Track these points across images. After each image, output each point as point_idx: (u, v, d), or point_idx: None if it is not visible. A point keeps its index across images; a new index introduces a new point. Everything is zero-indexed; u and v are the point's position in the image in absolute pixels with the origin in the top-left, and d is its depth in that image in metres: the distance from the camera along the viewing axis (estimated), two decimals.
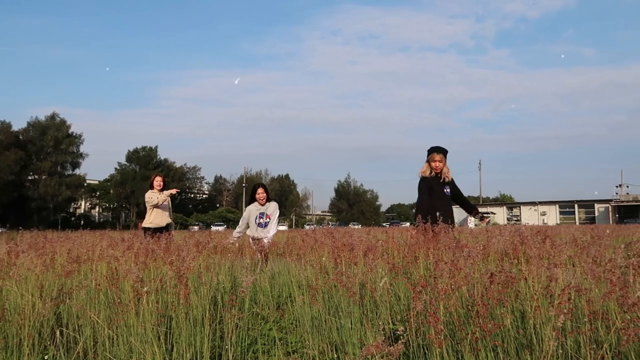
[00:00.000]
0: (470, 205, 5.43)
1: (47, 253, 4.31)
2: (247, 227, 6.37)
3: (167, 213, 7.35)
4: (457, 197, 5.29)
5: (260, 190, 6.31)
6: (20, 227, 8.74)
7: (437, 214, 4.28)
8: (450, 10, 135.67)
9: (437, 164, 5.04)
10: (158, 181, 7.45)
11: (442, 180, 5.07)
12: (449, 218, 4.74)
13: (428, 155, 5.14)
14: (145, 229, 7.04)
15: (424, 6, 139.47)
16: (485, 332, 1.97)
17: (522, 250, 3.26)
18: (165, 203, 7.35)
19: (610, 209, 59.80)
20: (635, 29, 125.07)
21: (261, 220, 6.22)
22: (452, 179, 5.19)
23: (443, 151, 5.12)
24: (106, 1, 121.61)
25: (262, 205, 6.28)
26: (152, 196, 7.19)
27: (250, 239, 6.19)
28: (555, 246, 3.16)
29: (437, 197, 4.99)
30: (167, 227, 7.28)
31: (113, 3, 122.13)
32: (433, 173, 5.07)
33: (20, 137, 57.83)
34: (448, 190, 5.11)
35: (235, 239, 6.12)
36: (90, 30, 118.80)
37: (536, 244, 3.22)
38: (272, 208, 6.32)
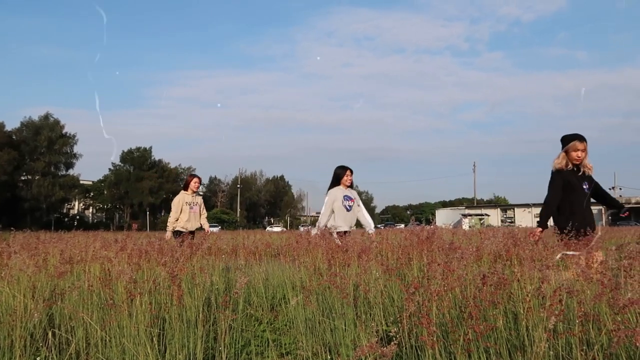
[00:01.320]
0: (614, 200, 4.70)
1: (39, 254, 4.29)
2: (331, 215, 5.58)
3: (199, 216, 6.98)
4: (598, 194, 4.57)
5: (349, 172, 5.69)
6: (12, 228, 8.63)
7: (577, 218, 3.88)
8: (445, 13, 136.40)
9: (580, 153, 4.30)
10: (196, 183, 6.96)
11: (580, 174, 4.34)
12: (588, 220, 4.20)
13: (567, 143, 4.34)
14: (177, 232, 6.64)
15: (419, 8, 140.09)
16: (477, 333, 1.98)
17: (514, 252, 3.28)
18: (197, 208, 6.92)
19: (603, 211, 60.17)
20: (628, 32, 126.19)
21: (347, 203, 5.55)
22: (589, 174, 4.44)
23: (585, 139, 4.36)
24: (102, 2, 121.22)
25: (346, 189, 5.69)
26: (177, 211, 6.75)
27: (334, 233, 5.28)
28: (548, 248, 3.18)
29: (576, 194, 4.30)
30: (200, 229, 7.00)
31: (108, 4, 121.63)
32: (570, 165, 4.34)
33: (14, 137, 57.44)
34: (587, 186, 4.39)
35: (319, 232, 5.25)
36: (85, 31, 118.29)
37: (529, 246, 3.24)
38: (355, 193, 5.81)
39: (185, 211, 6.78)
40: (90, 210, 74.83)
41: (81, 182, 64.32)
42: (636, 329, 1.66)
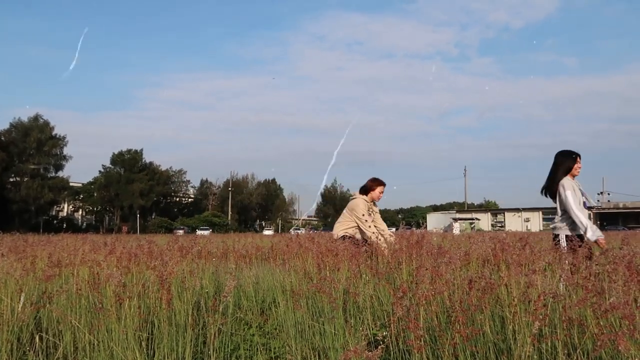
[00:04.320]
0: None
1: (27, 257, 4.25)
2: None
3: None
4: None
5: (579, 159, 4.45)
6: None
7: None
8: (436, 19, 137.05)
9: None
10: (382, 192, 5.54)
11: None
12: None
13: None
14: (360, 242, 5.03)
15: (409, 14, 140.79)
16: (463, 337, 2.01)
17: (502, 257, 3.31)
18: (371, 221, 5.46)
19: (592, 216, 60.72)
20: (616, 39, 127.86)
21: (584, 199, 4.42)
22: None
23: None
24: (91, 3, 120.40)
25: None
26: (367, 219, 5.27)
27: (570, 233, 4.22)
28: (534, 253, 3.22)
29: None
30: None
31: (98, 5, 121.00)
32: None
33: (2, 139, 56.77)
34: None
35: (592, 233, 4.03)
36: (75, 32, 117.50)
37: (516, 251, 3.28)
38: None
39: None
40: (80, 212, 74.14)
41: (71, 184, 63.71)
42: (619, 333, 1.69)
